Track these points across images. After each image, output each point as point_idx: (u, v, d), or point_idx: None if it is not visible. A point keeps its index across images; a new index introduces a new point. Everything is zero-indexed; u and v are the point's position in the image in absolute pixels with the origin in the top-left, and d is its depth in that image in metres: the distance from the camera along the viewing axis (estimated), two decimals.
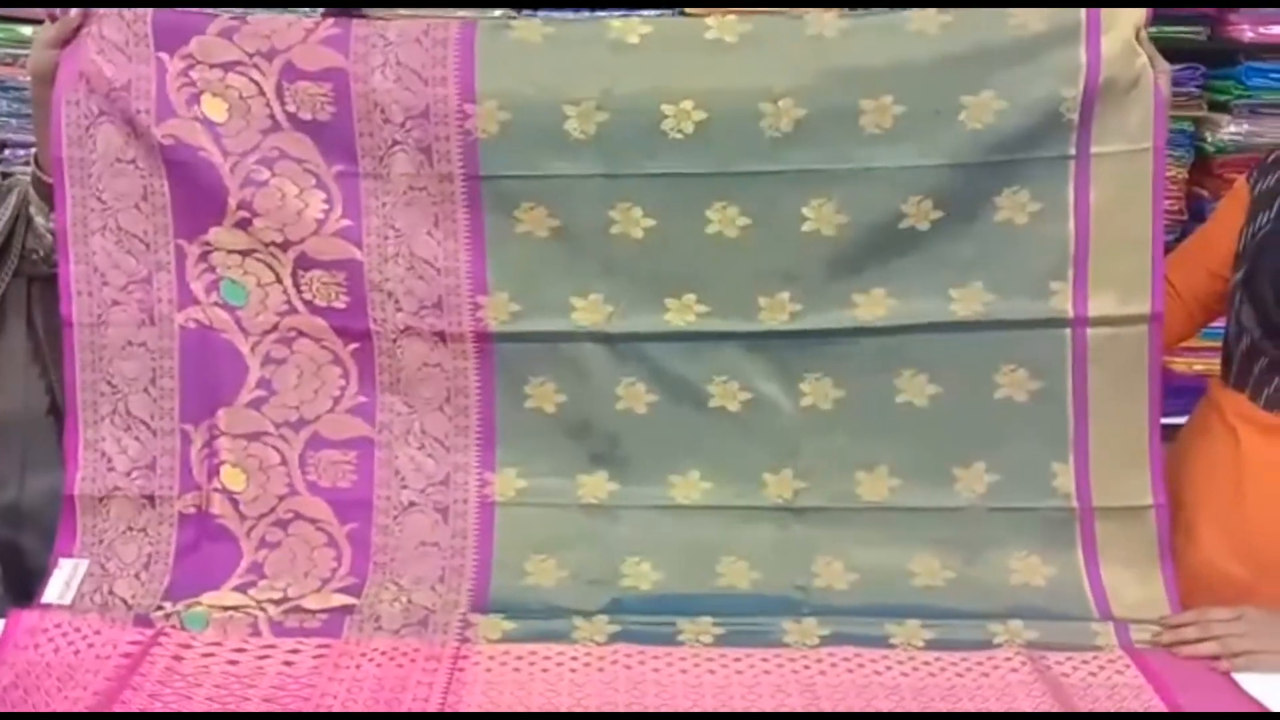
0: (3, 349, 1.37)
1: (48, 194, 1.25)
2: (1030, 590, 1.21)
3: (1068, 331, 1.22)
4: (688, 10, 1.54)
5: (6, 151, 1.58)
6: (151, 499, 1.25)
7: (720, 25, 1.21)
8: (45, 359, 1.38)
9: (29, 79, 1.26)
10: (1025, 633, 1.17)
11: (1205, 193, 1.98)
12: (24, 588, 1.35)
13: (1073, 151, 1.20)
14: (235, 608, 1.19)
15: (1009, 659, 1.13)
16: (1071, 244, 1.21)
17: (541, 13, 1.61)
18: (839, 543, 1.24)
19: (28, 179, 1.32)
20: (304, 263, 1.23)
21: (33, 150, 1.35)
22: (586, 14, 1.46)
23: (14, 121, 1.56)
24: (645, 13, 1.60)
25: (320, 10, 1.66)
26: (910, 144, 1.20)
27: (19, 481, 1.39)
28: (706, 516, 1.26)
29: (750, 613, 1.19)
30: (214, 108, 1.21)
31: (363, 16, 1.50)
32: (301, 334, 1.26)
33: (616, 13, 1.39)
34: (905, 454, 1.25)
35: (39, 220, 1.27)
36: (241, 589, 1.22)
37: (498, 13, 1.62)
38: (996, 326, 1.23)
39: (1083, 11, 1.16)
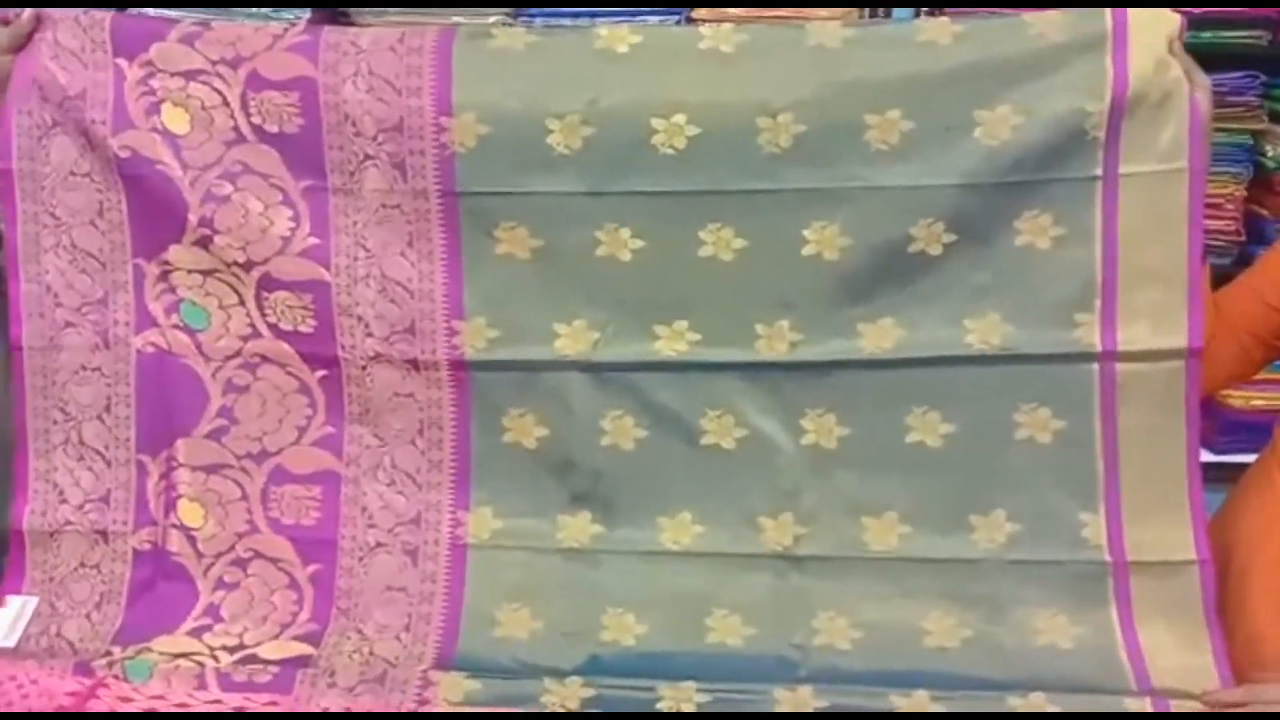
0: None
1: None
2: (1056, 653, 1.17)
3: (1094, 367, 1.18)
4: (694, 14, 1.52)
5: None
6: (105, 534, 1.24)
7: (715, 34, 1.19)
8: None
9: None
10: (1048, 707, 1.13)
11: (1265, 212, 1.92)
12: None
13: (1098, 171, 1.16)
14: (185, 654, 1.18)
15: None
16: (1098, 271, 1.17)
17: (537, 16, 1.60)
18: (842, 596, 1.20)
19: None
20: (268, 284, 1.23)
21: None
22: (584, 20, 1.44)
23: None
24: (648, 19, 1.60)
25: (309, 10, 1.66)
26: (920, 162, 1.17)
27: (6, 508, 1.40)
28: (697, 564, 1.23)
29: (741, 676, 1.16)
30: (175, 118, 1.21)
31: (349, 22, 1.50)
32: (266, 360, 1.25)
33: (610, 19, 1.38)
34: (916, 499, 1.21)
35: None
36: (196, 633, 1.21)
37: (493, 18, 1.61)
38: (1015, 360, 1.19)
39: (1109, 19, 1.13)
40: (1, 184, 1.22)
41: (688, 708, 1.13)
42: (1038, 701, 1.13)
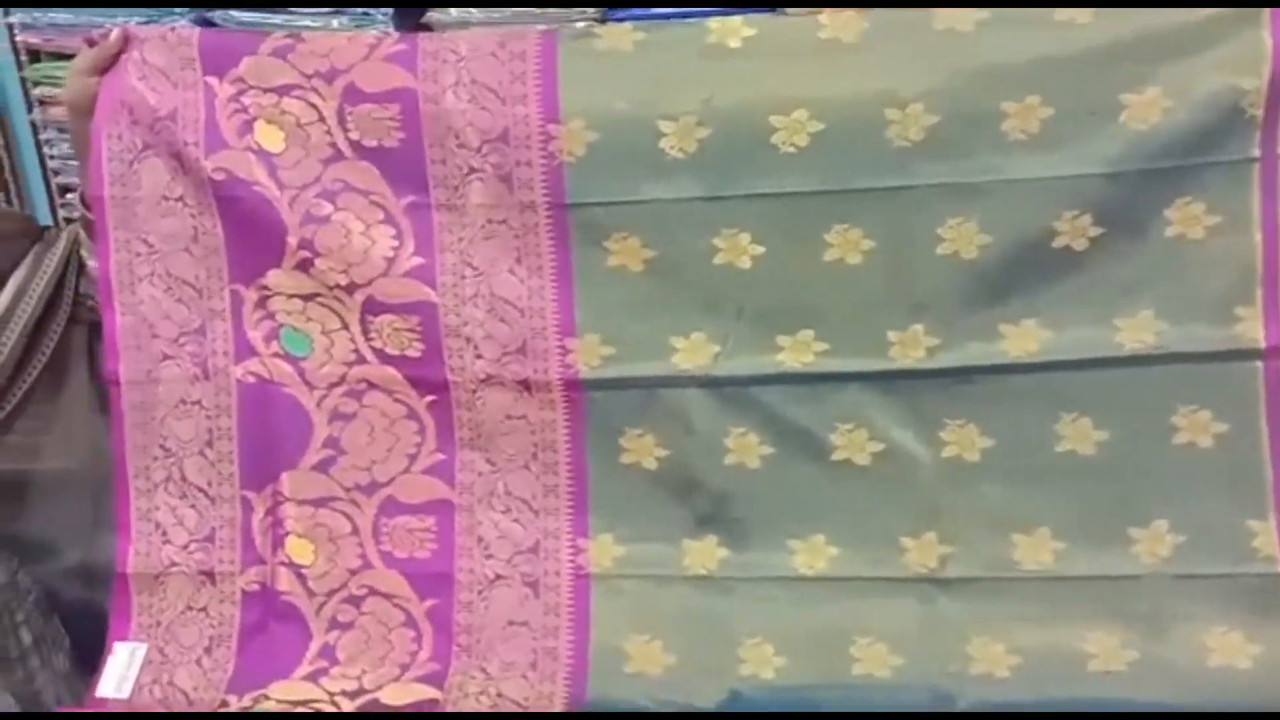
0: (66, 400, 1.33)
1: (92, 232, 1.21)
2: (1234, 674, 1.08)
3: (1258, 365, 1.09)
4: (787, 10, 1.44)
5: (69, 195, 1.56)
6: (211, 575, 1.19)
7: (835, 24, 1.11)
8: (110, 408, 1.34)
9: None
10: None
11: None
12: (100, 644, 1.31)
13: (1256, 153, 1.08)
14: (305, 701, 1.12)
15: None
16: (1258, 261, 1.09)
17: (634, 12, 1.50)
18: (996, 620, 1.12)
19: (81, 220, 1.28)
20: (372, 307, 1.17)
21: None
22: (679, 14, 1.36)
23: (75, 164, 1.53)
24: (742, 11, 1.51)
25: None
26: (1062, 150, 1.09)
27: (89, 538, 1.35)
28: (835, 589, 1.15)
29: (894, 706, 1.08)
30: (269, 136, 1.16)
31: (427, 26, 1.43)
32: (372, 386, 1.19)
33: (712, 12, 1.30)
34: (1070, 512, 1.13)
35: (92, 264, 1.23)
36: (313, 677, 1.15)
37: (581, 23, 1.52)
38: (1171, 360, 1.10)
39: None
40: (93, 212, 1.17)
41: None
42: None
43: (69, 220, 1.34)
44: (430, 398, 1.19)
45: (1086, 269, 1.11)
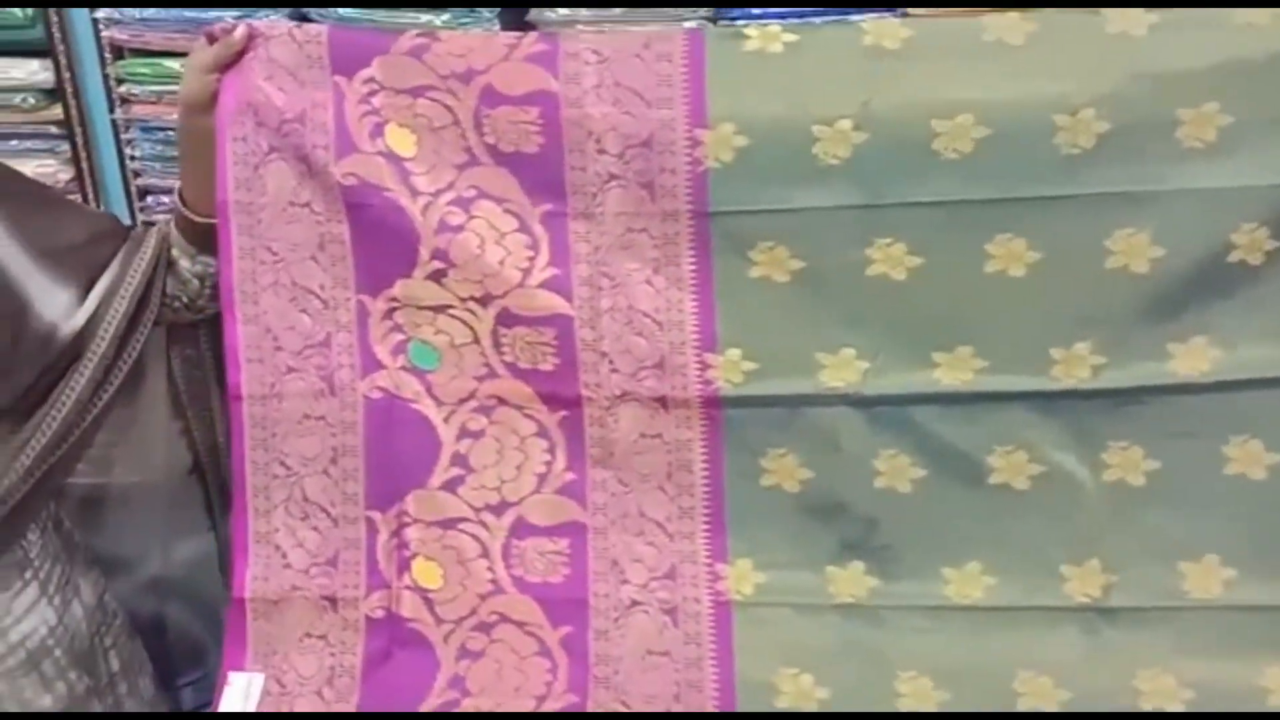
0: (144, 404, 1.28)
1: (193, 234, 1.16)
2: None
3: None
4: (910, 11, 1.39)
5: (149, 198, 1.50)
6: (334, 600, 1.13)
7: (1000, 25, 1.05)
8: (186, 413, 1.29)
9: (177, 111, 1.17)
10: None
11: None
12: (172, 663, 1.29)
13: None
14: None
15: None
16: None
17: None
18: (1164, 652, 1.06)
19: (166, 219, 1.22)
20: (506, 319, 1.11)
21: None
22: (795, 14, 1.31)
23: (157, 166, 1.48)
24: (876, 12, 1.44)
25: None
26: (1241, 159, 1.03)
27: (162, 550, 1.30)
28: (993, 620, 1.09)
29: None
30: (401, 140, 1.10)
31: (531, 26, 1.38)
32: (502, 402, 1.13)
33: (826, 12, 1.25)
34: (1240, 539, 1.07)
35: (182, 264, 1.18)
36: (444, 709, 1.09)
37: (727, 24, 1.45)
38: None
39: None
40: (218, 218, 1.11)
41: None
42: None
43: (148, 224, 1.27)
44: (562, 414, 1.13)
45: (1261, 284, 1.05)
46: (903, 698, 1.07)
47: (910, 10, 1.30)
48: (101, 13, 1.46)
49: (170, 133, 1.42)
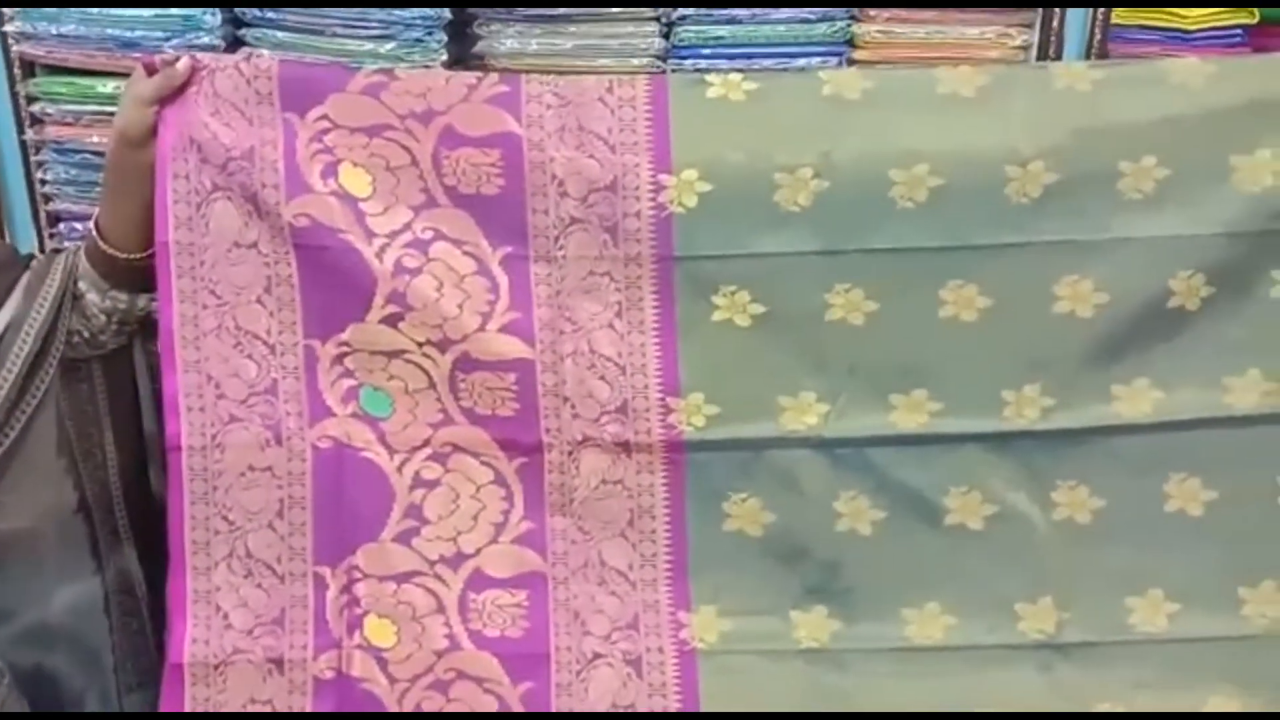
0: (32, 445, 1.16)
1: (107, 268, 1.09)
2: None
3: None
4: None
5: (62, 225, 1.38)
6: (280, 662, 1.06)
7: (953, 78, 1.08)
8: (73, 450, 1.19)
9: (109, 140, 1.08)
10: None
11: None
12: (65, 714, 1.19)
13: None
14: None
15: None
16: None
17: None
18: (1116, 686, 1.09)
19: (72, 249, 1.14)
20: (465, 364, 1.07)
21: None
22: (786, 63, 1.30)
23: (71, 190, 1.36)
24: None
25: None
26: (1177, 211, 1.08)
27: (43, 597, 1.19)
28: (953, 661, 1.10)
29: None
30: (354, 180, 1.06)
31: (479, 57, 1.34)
32: (458, 449, 1.09)
33: (818, 62, 1.26)
34: (1181, 573, 1.11)
35: (90, 298, 1.10)
36: None
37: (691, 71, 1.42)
38: (1278, 420, 1.10)
39: None
40: (156, 260, 1.05)
41: None
42: None
43: (57, 251, 1.18)
44: (520, 460, 1.10)
45: (1196, 329, 1.10)
46: None
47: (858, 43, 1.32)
48: (11, 27, 1.35)
49: (87, 155, 1.31)
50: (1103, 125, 1.08)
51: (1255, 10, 1.32)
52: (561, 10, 1.29)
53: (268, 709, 1.04)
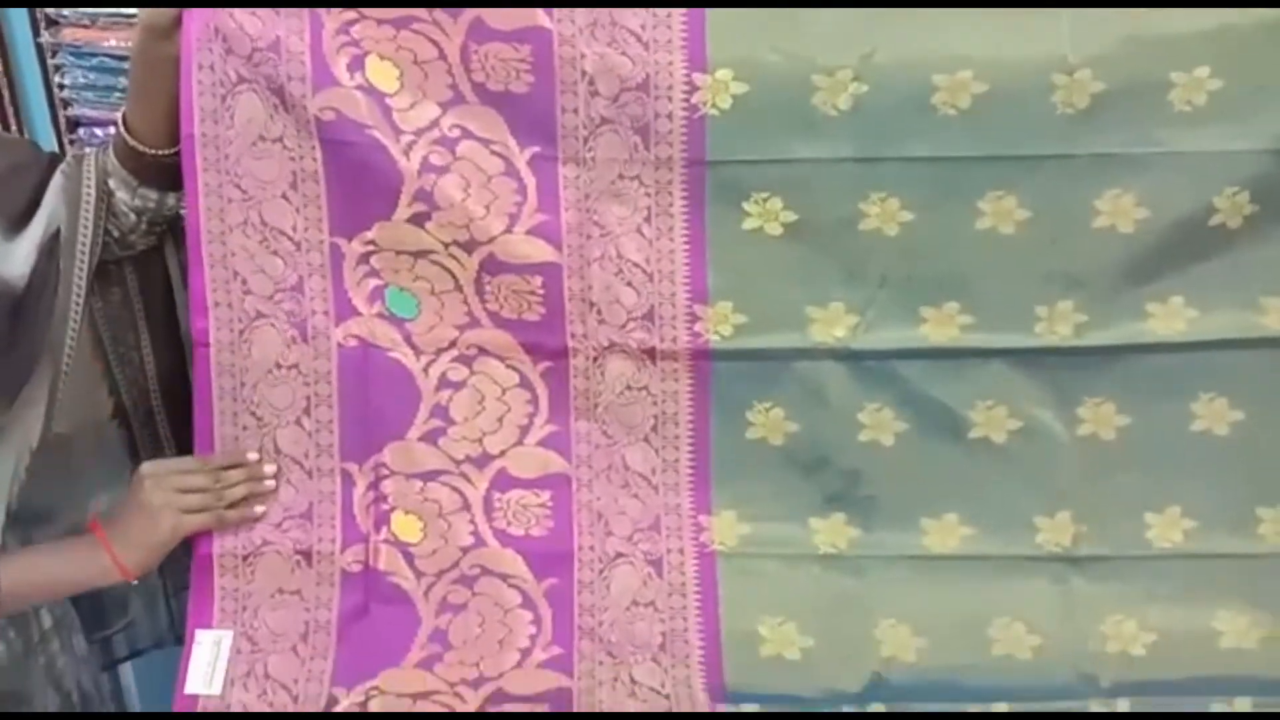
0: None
1: (136, 165, 1.06)
2: None
3: None
4: None
5: (81, 130, 1.35)
6: (308, 554, 1.07)
7: None
8: (107, 356, 1.19)
9: (134, 38, 1.04)
10: None
11: None
12: (97, 614, 1.23)
13: None
14: (426, 694, 1.03)
15: None
16: None
17: None
18: (1129, 599, 1.09)
19: (99, 148, 1.11)
20: (491, 266, 1.05)
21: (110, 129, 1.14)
22: None
23: (91, 95, 1.32)
24: None
25: None
26: (1228, 125, 1.03)
27: (83, 500, 1.21)
28: (969, 569, 1.10)
29: (1038, 691, 1.06)
30: (382, 75, 1.02)
31: None
32: (483, 352, 1.08)
33: None
34: (1202, 492, 1.10)
35: (120, 196, 1.08)
36: (426, 664, 1.06)
37: None
38: None
39: None
40: (182, 153, 1.02)
41: None
42: None
43: (78, 158, 1.16)
44: (546, 364, 1.09)
45: (1237, 248, 1.06)
46: (882, 644, 1.08)
47: None
48: None
49: (105, 59, 1.27)
50: (1155, 34, 1.02)
51: None
52: None
53: (295, 599, 1.06)
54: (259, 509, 1.06)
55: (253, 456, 1.07)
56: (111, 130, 1.09)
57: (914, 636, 1.08)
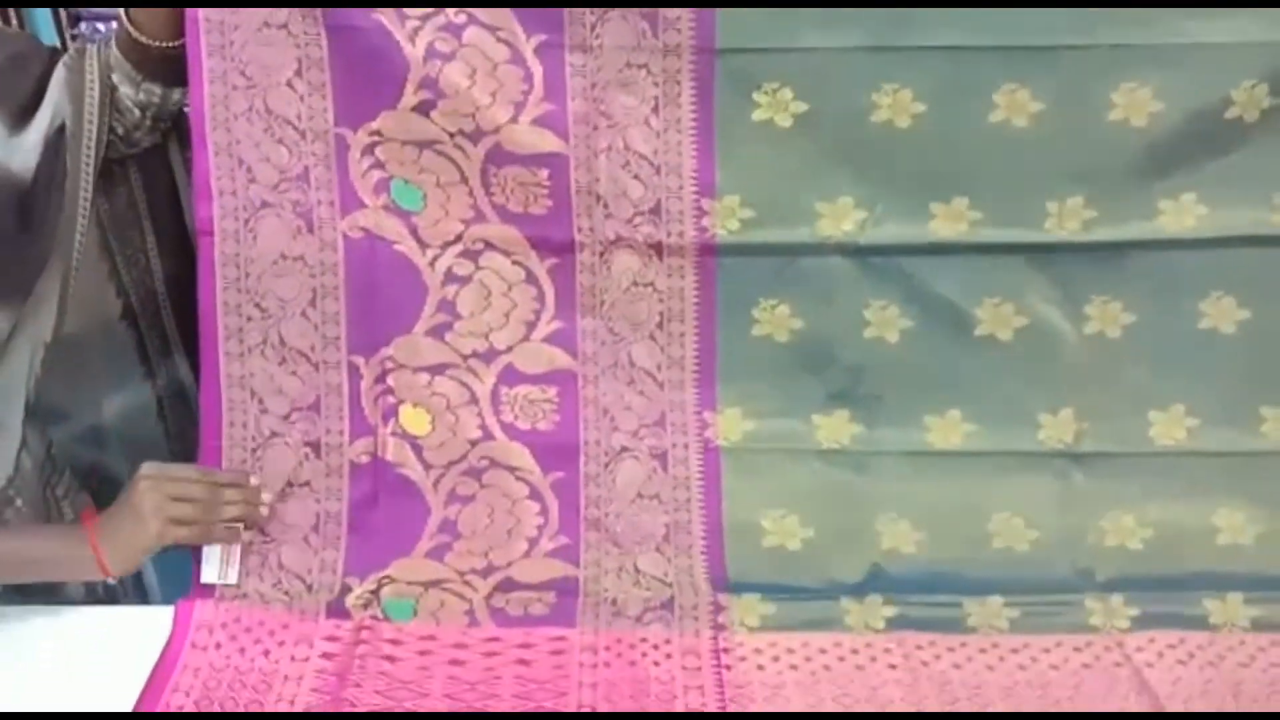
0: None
1: (140, 58, 1.04)
2: None
3: None
4: None
5: (83, 25, 1.31)
6: (316, 446, 1.08)
7: None
8: (114, 256, 1.19)
9: None
10: None
11: None
12: None
13: None
14: (436, 583, 1.05)
15: None
16: None
17: None
18: (1129, 495, 1.10)
19: (101, 41, 1.08)
20: (497, 158, 1.03)
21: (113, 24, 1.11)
22: None
23: None
24: None
25: None
26: (1249, 15, 1.01)
27: (97, 401, 1.22)
28: (970, 464, 1.11)
29: (1036, 583, 1.07)
30: None
31: None
32: (490, 246, 1.07)
33: None
34: (1206, 390, 1.10)
35: (124, 90, 1.06)
36: (436, 554, 1.07)
37: None
38: None
39: None
40: (186, 39, 1.00)
41: (999, 624, 1.04)
42: None
43: (80, 52, 1.13)
44: (552, 260, 1.08)
45: (1252, 143, 1.04)
46: (882, 536, 1.09)
47: None
48: None
49: None
50: None
51: None
52: None
53: (305, 491, 1.07)
54: (246, 536, 1.05)
55: (254, 481, 1.06)
56: (114, 25, 1.06)
57: (914, 530, 1.10)
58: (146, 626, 1.04)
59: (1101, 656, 1.01)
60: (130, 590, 1.27)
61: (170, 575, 1.37)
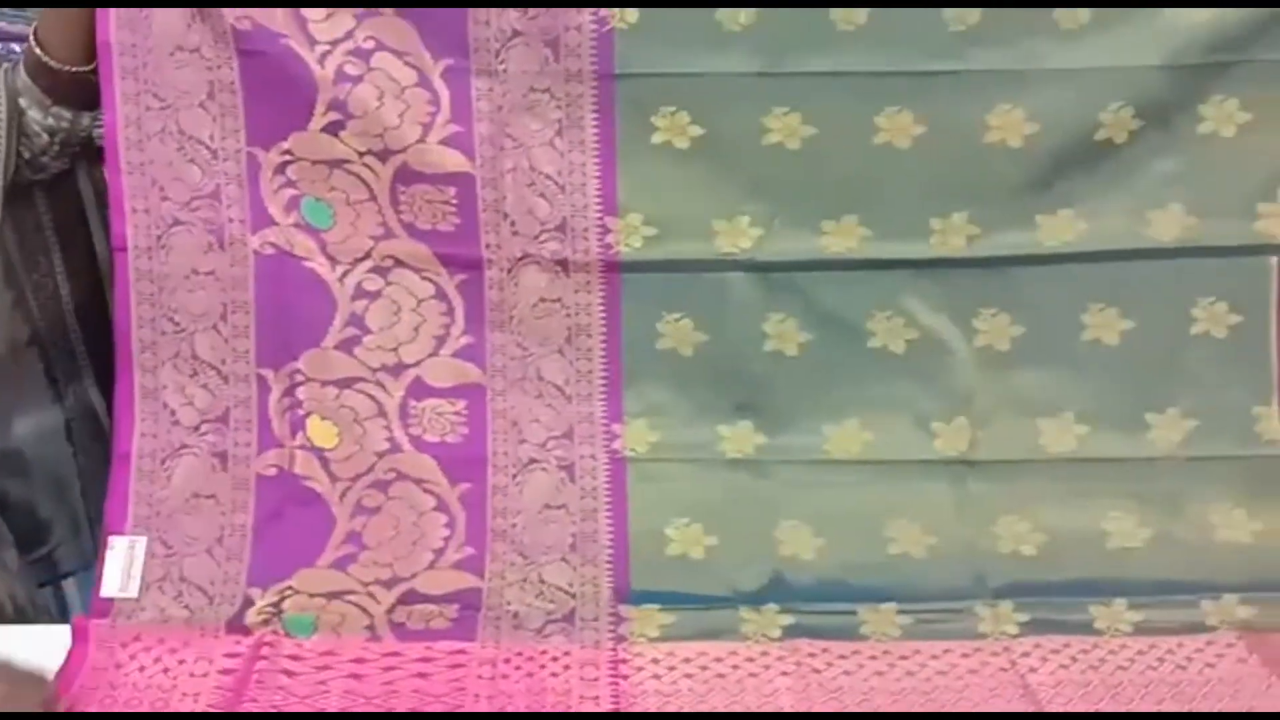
0: None
1: (49, 82, 1.06)
2: (1237, 549, 1.11)
3: (1273, 260, 1.12)
4: None
5: None
6: (224, 458, 1.09)
7: None
8: (21, 281, 1.20)
9: None
10: (1239, 611, 1.07)
11: None
12: (37, 539, 1.25)
13: None
14: (339, 594, 1.05)
15: (1231, 645, 1.04)
16: None
17: None
18: (1022, 500, 1.13)
19: (9, 65, 1.10)
20: (405, 176, 1.07)
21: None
22: None
23: (9, 10, 1.32)
24: None
25: None
26: (1113, 41, 1.07)
27: (6, 425, 1.22)
28: (868, 473, 1.13)
29: (931, 590, 1.09)
30: None
31: None
32: (399, 263, 1.10)
33: None
34: (1092, 398, 1.14)
35: (32, 115, 1.08)
36: (340, 565, 1.07)
37: None
38: (1196, 254, 1.12)
39: None
40: (99, 61, 1.03)
41: (891, 632, 1.06)
42: (1230, 605, 1.08)
43: None
44: (460, 277, 1.11)
45: (1123, 162, 1.10)
46: (783, 543, 1.11)
47: None
48: None
49: None
50: None
51: None
52: None
53: (211, 503, 1.07)
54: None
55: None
56: (23, 46, 1.09)
57: (814, 536, 1.11)
58: (47, 646, 1.02)
59: (989, 662, 1.03)
60: (43, 611, 1.26)
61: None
